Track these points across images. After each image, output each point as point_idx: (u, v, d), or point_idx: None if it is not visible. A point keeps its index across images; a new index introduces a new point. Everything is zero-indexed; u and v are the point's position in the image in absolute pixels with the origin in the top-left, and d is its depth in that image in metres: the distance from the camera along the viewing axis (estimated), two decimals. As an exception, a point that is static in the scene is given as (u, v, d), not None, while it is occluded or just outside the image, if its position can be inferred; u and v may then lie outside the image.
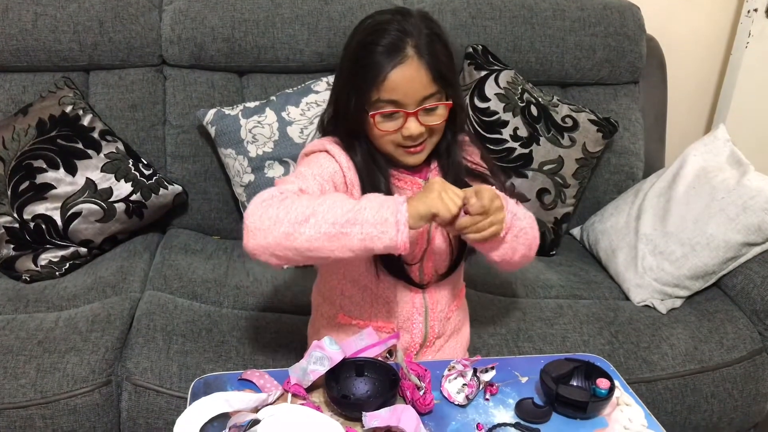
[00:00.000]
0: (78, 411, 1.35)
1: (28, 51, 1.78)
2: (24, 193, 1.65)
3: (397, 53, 1.07)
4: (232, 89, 1.88)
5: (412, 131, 1.10)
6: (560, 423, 1.02)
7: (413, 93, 1.08)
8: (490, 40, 1.92)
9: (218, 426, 0.96)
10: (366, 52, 1.09)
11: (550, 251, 1.90)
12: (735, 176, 1.67)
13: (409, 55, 1.07)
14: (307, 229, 0.99)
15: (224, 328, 1.48)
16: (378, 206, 0.99)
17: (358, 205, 1.00)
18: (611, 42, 1.97)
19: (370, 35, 1.10)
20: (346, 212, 0.99)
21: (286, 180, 1.11)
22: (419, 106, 1.09)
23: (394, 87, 1.08)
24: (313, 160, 1.16)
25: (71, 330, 1.44)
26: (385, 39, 1.08)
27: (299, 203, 1.01)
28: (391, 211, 0.98)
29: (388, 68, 1.07)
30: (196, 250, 1.78)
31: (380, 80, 1.07)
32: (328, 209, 0.99)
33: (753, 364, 1.56)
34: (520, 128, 1.81)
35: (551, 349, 1.50)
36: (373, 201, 1.01)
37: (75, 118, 1.72)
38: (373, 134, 1.13)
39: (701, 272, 1.63)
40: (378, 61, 1.07)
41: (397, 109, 1.09)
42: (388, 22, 1.10)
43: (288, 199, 1.02)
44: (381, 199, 1.01)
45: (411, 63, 1.08)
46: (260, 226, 1.00)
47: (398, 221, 0.98)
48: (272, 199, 1.02)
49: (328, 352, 1.03)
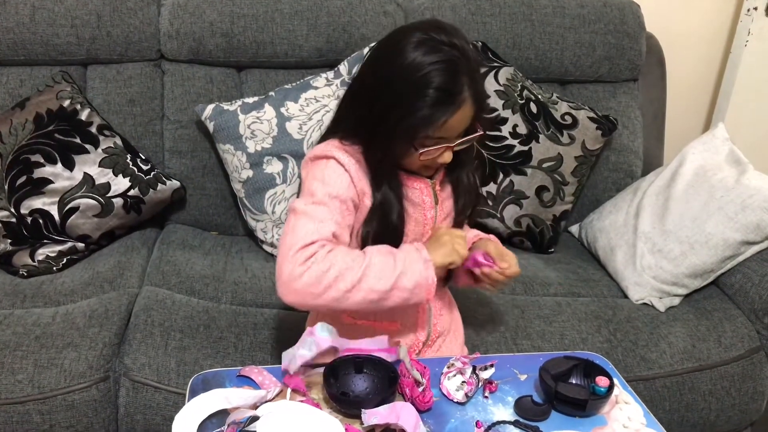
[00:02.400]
0: (75, 407, 1.35)
1: (26, 44, 1.77)
2: (21, 188, 1.64)
3: (455, 97, 1.05)
4: (230, 84, 1.87)
5: (446, 160, 1.13)
6: (559, 421, 1.02)
7: (460, 129, 1.11)
8: (490, 36, 1.91)
9: (217, 422, 0.96)
10: (420, 94, 1.04)
11: (548, 249, 1.90)
12: (734, 175, 1.67)
13: (465, 96, 1.06)
14: (354, 295, 1.06)
15: (222, 324, 1.48)
16: (412, 274, 1.09)
17: (396, 269, 1.08)
18: (611, 39, 1.97)
19: (423, 75, 1.04)
20: (388, 280, 1.07)
21: (308, 213, 1.09)
22: (459, 139, 1.12)
23: (449, 128, 1.08)
24: (324, 173, 1.13)
25: (69, 325, 1.44)
26: (439, 79, 1.04)
27: (346, 268, 1.06)
28: (424, 276, 1.09)
29: (448, 114, 1.06)
30: (194, 246, 1.77)
31: (439, 124, 1.06)
32: (373, 278, 1.07)
33: (750, 363, 1.56)
34: (519, 125, 1.81)
35: (550, 347, 1.50)
36: (409, 268, 1.09)
37: (73, 112, 1.71)
38: (407, 159, 1.14)
39: (700, 270, 1.63)
40: (436, 106, 1.05)
41: (443, 145, 1.11)
42: (437, 52, 1.04)
43: (330, 255, 1.06)
44: (414, 266, 1.09)
45: (466, 106, 1.07)
46: (309, 290, 1.05)
47: (429, 286, 1.10)
48: (315, 258, 1.05)
49: (317, 337, 1.03)
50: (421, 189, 1.20)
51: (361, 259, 1.07)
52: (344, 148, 1.15)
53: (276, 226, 1.76)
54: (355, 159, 1.14)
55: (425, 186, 1.20)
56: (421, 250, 1.12)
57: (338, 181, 1.12)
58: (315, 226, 1.07)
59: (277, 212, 1.75)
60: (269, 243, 1.78)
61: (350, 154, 1.14)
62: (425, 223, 1.21)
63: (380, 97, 1.08)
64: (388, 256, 1.09)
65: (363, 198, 1.14)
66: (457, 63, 1.05)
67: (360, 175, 1.14)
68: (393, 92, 1.07)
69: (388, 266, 1.08)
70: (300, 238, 1.06)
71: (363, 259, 1.08)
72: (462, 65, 1.05)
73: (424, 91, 1.04)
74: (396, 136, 1.08)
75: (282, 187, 1.75)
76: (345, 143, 1.16)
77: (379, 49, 1.14)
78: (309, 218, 1.08)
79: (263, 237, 1.78)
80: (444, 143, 1.10)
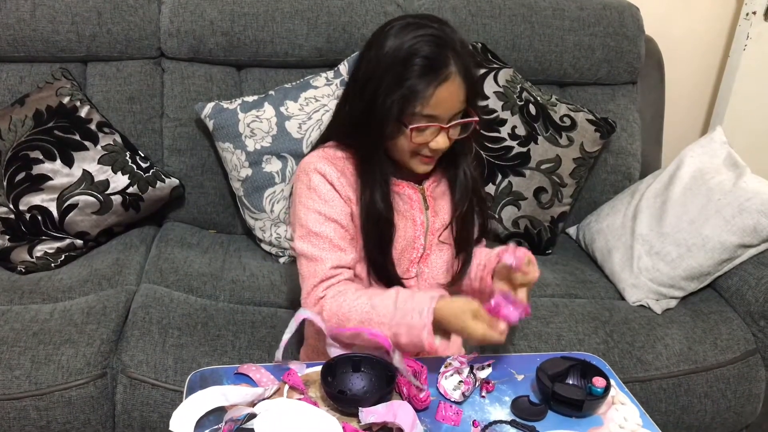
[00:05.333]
0: (73, 403, 1.35)
1: (26, 41, 1.77)
2: (20, 184, 1.64)
3: (441, 69, 1.06)
4: (230, 83, 1.87)
5: (440, 145, 1.12)
6: (556, 421, 1.02)
7: (451, 109, 1.10)
8: (490, 38, 1.92)
9: (214, 420, 0.96)
10: (407, 65, 1.06)
11: (546, 250, 1.91)
12: (731, 178, 1.68)
13: (452, 71, 1.07)
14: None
15: (220, 322, 1.48)
16: (409, 336, 1.07)
17: (392, 329, 1.07)
18: (610, 42, 1.97)
19: (410, 47, 1.06)
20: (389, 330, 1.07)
21: (306, 254, 1.15)
22: (451, 122, 1.11)
23: (437, 104, 1.08)
24: (308, 194, 1.16)
25: (66, 322, 1.44)
26: (426, 50, 1.06)
27: (349, 311, 1.10)
28: (419, 341, 1.06)
29: (435, 85, 1.06)
30: (192, 244, 1.77)
31: (426, 96, 1.06)
32: (376, 324, 1.08)
33: (746, 365, 1.57)
34: (518, 127, 1.81)
35: (546, 348, 1.51)
36: (407, 331, 1.07)
37: (72, 109, 1.71)
38: (399, 144, 1.13)
39: (696, 273, 1.64)
40: (423, 75, 1.06)
41: (434, 124, 1.10)
42: (423, 28, 1.07)
43: (335, 304, 1.12)
44: (413, 332, 1.06)
45: (454, 80, 1.07)
46: (332, 322, 1.11)
47: (430, 344, 1.06)
48: (324, 301, 1.13)
49: (296, 316, 1.06)
50: (410, 195, 1.21)
51: (368, 312, 1.10)
52: (328, 157, 1.17)
53: (274, 224, 1.76)
54: (339, 168, 1.16)
55: (414, 192, 1.21)
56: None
57: (326, 195, 1.15)
58: (314, 267, 1.14)
59: (275, 211, 1.75)
60: (267, 242, 1.78)
61: (334, 162, 1.16)
62: (415, 228, 1.21)
63: (370, 80, 1.10)
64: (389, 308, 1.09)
65: (350, 205, 1.16)
66: (443, 38, 1.07)
67: (343, 183, 1.16)
68: (381, 71, 1.08)
69: (386, 318, 1.08)
70: (305, 283, 1.15)
71: (369, 312, 1.10)
72: (449, 41, 1.07)
73: (410, 62, 1.06)
74: (385, 114, 1.08)
75: (281, 186, 1.75)
76: (336, 149, 1.18)
77: (367, 42, 1.16)
78: (308, 260, 1.15)
79: (261, 236, 1.78)
80: (435, 123, 1.10)
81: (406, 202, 1.20)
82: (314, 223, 1.15)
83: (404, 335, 1.06)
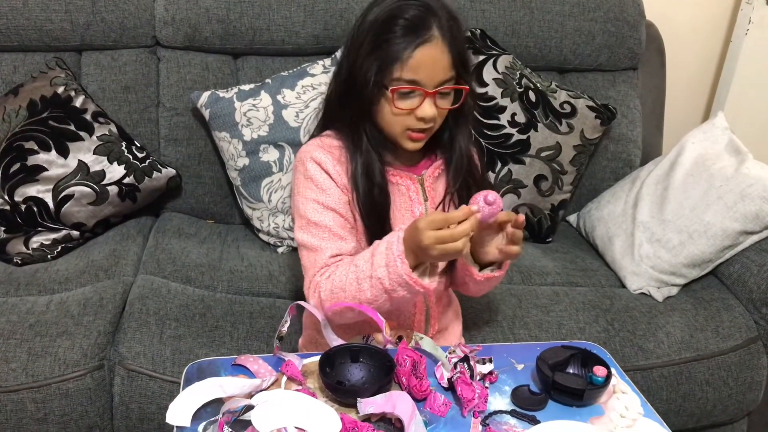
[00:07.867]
0: (70, 395, 1.34)
1: (19, 30, 1.75)
2: (15, 175, 1.63)
3: (423, 31, 1.06)
4: (226, 71, 1.86)
5: (426, 113, 1.09)
6: (556, 410, 1.01)
7: (434, 75, 1.08)
8: (489, 24, 1.90)
9: (212, 411, 0.95)
10: (389, 26, 1.06)
11: (546, 238, 1.90)
12: (733, 164, 1.66)
13: (435, 35, 1.06)
14: (363, 299, 1.08)
15: (218, 312, 1.47)
16: (385, 273, 1.05)
17: (368, 272, 1.06)
18: (610, 27, 1.95)
19: (392, 9, 1.07)
20: (369, 288, 1.06)
21: (306, 244, 1.15)
22: (437, 89, 1.09)
23: (417, 66, 1.06)
24: (305, 183, 1.16)
25: (63, 314, 1.43)
26: (409, 13, 1.06)
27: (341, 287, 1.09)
28: (396, 273, 1.04)
29: (414, 46, 1.05)
30: (189, 234, 1.76)
31: (405, 57, 1.06)
32: (357, 289, 1.08)
33: (748, 353, 1.56)
34: (518, 114, 1.80)
35: (547, 336, 1.50)
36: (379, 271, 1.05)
37: (67, 99, 1.70)
38: (384, 113, 1.11)
39: (698, 260, 1.62)
40: (403, 36, 1.05)
41: (417, 88, 1.08)
42: None
43: (328, 281, 1.11)
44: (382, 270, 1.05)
45: (436, 44, 1.06)
46: (332, 312, 1.12)
47: (409, 274, 1.04)
48: (320, 287, 1.12)
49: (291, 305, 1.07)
50: (407, 186, 1.19)
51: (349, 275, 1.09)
52: (324, 145, 1.17)
53: (272, 214, 1.75)
54: (335, 156, 1.15)
55: (413, 183, 1.19)
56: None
57: (322, 183, 1.14)
58: (314, 257, 1.14)
59: (273, 201, 1.74)
60: (265, 232, 1.77)
61: (330, 151, 1.16)
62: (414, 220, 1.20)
63: (352, 46, 1.12)
64: (367, 262, 1.07)
65: (348, 193, 1.15)
66: (429, 4, 1.08)
67: (339, 171, 1.15)
68: (363, 36, 1.09)
69: (364, 272, 1.07)
70: (306, 273, 1.15)
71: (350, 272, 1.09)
72: (434, 8, 1.07)
73: (392, 23, 1.06)
74: (365, 76, 1.08)
75: (278, 176, 1.73)
76: (333, 138, 1.17)
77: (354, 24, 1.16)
78: (308, 250, 1.15)
79: (259, 225, 1.77)
80: (419, 87, 1.08)
81: (403, 194, 1.19)
82: (313, 213, 1.14)
83: (387, 279, 1.04)
